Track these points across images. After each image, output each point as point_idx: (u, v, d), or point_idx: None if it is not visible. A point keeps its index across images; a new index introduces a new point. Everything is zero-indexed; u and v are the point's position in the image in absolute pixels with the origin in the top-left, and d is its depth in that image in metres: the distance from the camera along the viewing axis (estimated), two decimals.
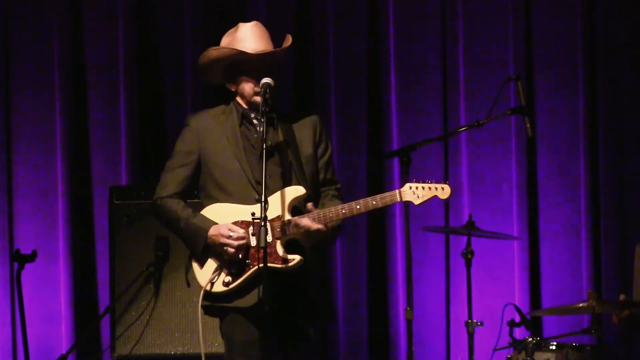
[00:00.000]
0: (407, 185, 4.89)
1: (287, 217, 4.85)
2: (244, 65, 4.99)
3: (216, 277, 4.87)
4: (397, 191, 4.89)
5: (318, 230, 4.83)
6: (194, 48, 7.39)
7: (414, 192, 4.87)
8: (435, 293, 7.29)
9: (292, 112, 5.22)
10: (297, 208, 4.90)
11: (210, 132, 5.00)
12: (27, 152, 7.39)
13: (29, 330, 6.46)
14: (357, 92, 7.45)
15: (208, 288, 4.87)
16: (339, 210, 4.86)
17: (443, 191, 4.89)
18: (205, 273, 4.90)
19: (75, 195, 7.37)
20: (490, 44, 7.39)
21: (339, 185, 5.11)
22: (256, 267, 4.81)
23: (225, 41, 5.04)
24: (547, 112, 7.35)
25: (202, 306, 4.92)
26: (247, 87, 4.99)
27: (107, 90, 7.44)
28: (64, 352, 6.92)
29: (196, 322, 6.12)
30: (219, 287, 4.87)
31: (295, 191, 4.87)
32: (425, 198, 4.88)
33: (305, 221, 4.82)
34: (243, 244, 4.83)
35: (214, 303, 4.92)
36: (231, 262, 4.87)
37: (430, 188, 4.88)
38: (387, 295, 7.33)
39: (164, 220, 5.01)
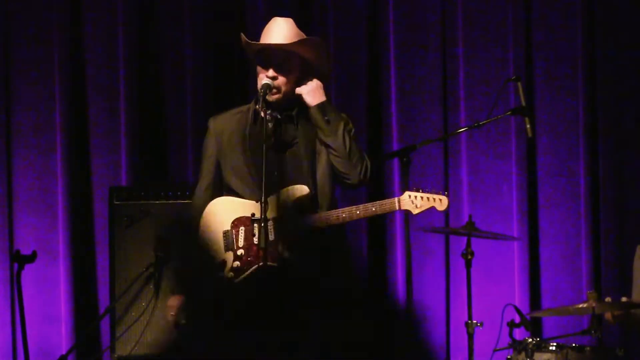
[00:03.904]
0: (407, 193, 4.94)
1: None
2: (258, 57, 5.05)
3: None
4: (396, 199, 4.94)
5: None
6: (194, 48, 7.39)
7: (413, 202, 4.93)
8: (435, 293, 7.28)
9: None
10: (301, 207, 4.91)
11: (226, 133, 5.09)
12: (27, 152, 7.38)
13: (29, 330, 6.46)
14: (357, 93, 7.45)
15: None
16: (339, 214, 4.88)
17: (441, 203, 4.97)
18: None
19: (75, 195, 7.36)
20: (490, 44, 7.39)
21: None
22: (257, 265, 4.85)
23: None
24: (547, 112, 7.34)
25: None
26: (258, 78, 5.05)
27: (107, 90, 7.43)
28: (64, 352, 6.92)
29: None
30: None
31: (299, 190, 4.89)
32: (424, 208, 4.95)
33: None
34: None
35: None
36: (236, 258, 4.89)
37: (428, 198, 4.95)
38: (387, 295, 7.33)
39: None
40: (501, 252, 7.21)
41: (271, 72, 4.98)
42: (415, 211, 4.94)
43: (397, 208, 4.94)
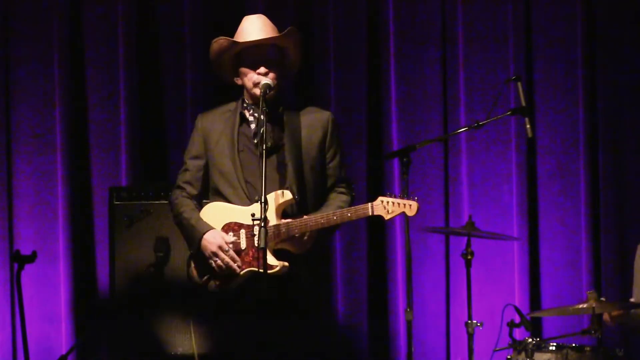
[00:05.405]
0: (380, 199, 4.95)
1: (275, 221, 4.84)
2: (243, 56, 5.01)
3: (207, 282, 4.94)
4: (369, 205, 4.95)
5: (301, 243, 4.88)
6: (194, 48, 7.39)
7: (385, 207, 4.92)
8: (435, 293, 7.28)
9: (304, 107, 5.24)
10: (286, 212, 4.90)
11: (213, 133, 5.03)
12: (27, 152, 7.38)
13: (29, 330, 6.46)
14: (357, 92, 7.45)
15: None
16: (318, 219, 4.89)
17: (410, 208, 4.93)
18: (199, 276, 4.97)
19: (75, 196, 7.36)
20: (490, 44, 7.39)
21: (349, 183, 5.16)
22: (246, 270, 4.84)
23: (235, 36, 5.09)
24: (547, 112, 7.34)
25: None
26: (246, 78, 4.99)
27: (107, 90, 7.44)
28: (64, 352, 6.92)
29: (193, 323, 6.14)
30: (211, 289, 4.96)
31: (282, 196, 4.87)
32: (395, 214, 4.95)
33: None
34: (228, 262, 4.89)
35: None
36: (222, 268, 4.89)
37: (399, 204, 4.93)
38: (387, 295, 7.33)
39: (173, 217, 5.12)
40: (501, 252, 7.21)
41: (262, 69, 4.95)
42: (387, 216, 4.93)
43: (370, 213, 4.94)
